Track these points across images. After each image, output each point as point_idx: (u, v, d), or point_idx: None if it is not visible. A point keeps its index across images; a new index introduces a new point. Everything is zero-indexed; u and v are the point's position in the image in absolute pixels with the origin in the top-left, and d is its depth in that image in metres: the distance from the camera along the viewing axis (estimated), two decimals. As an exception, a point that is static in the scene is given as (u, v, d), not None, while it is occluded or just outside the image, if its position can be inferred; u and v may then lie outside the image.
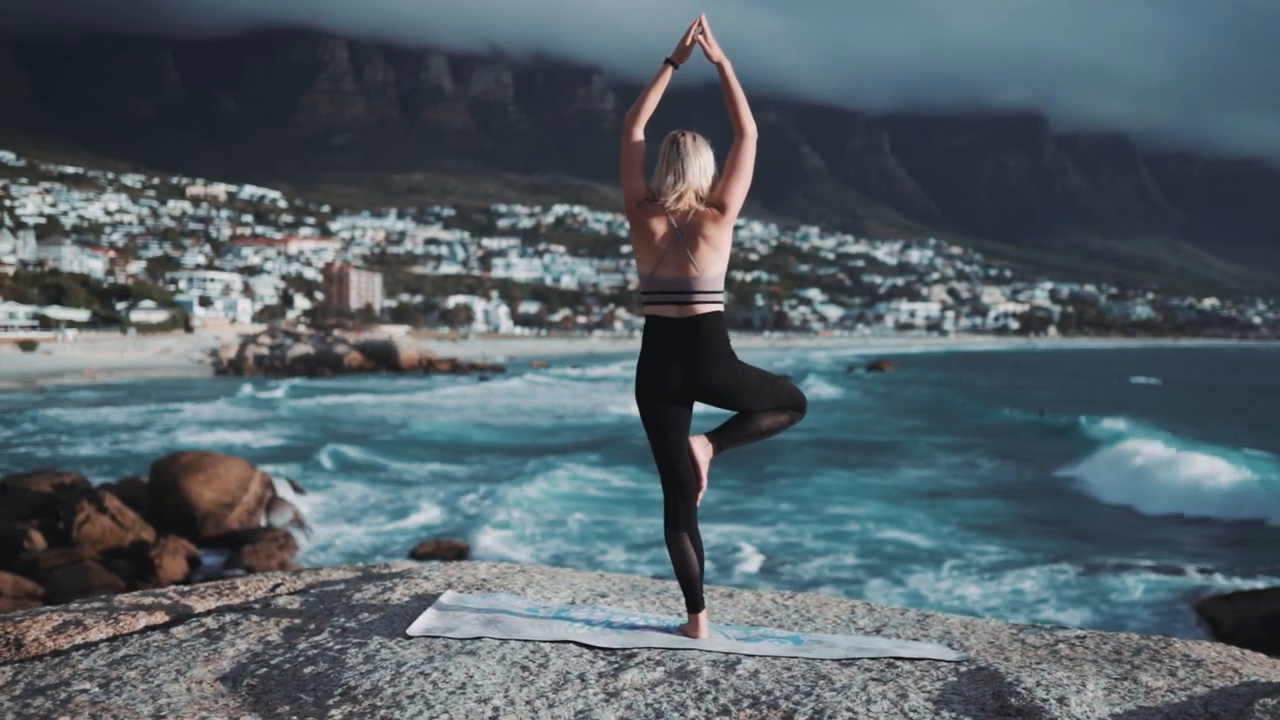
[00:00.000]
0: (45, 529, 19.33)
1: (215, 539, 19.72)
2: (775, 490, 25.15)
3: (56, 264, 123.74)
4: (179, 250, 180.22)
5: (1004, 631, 3.40)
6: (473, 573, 4.12)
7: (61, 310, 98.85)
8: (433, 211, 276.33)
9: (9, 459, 31.56)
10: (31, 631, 3.47)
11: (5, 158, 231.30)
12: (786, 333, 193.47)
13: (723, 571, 17.04)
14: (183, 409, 47.56)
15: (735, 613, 3.69)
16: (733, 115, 3.43)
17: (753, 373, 3.40)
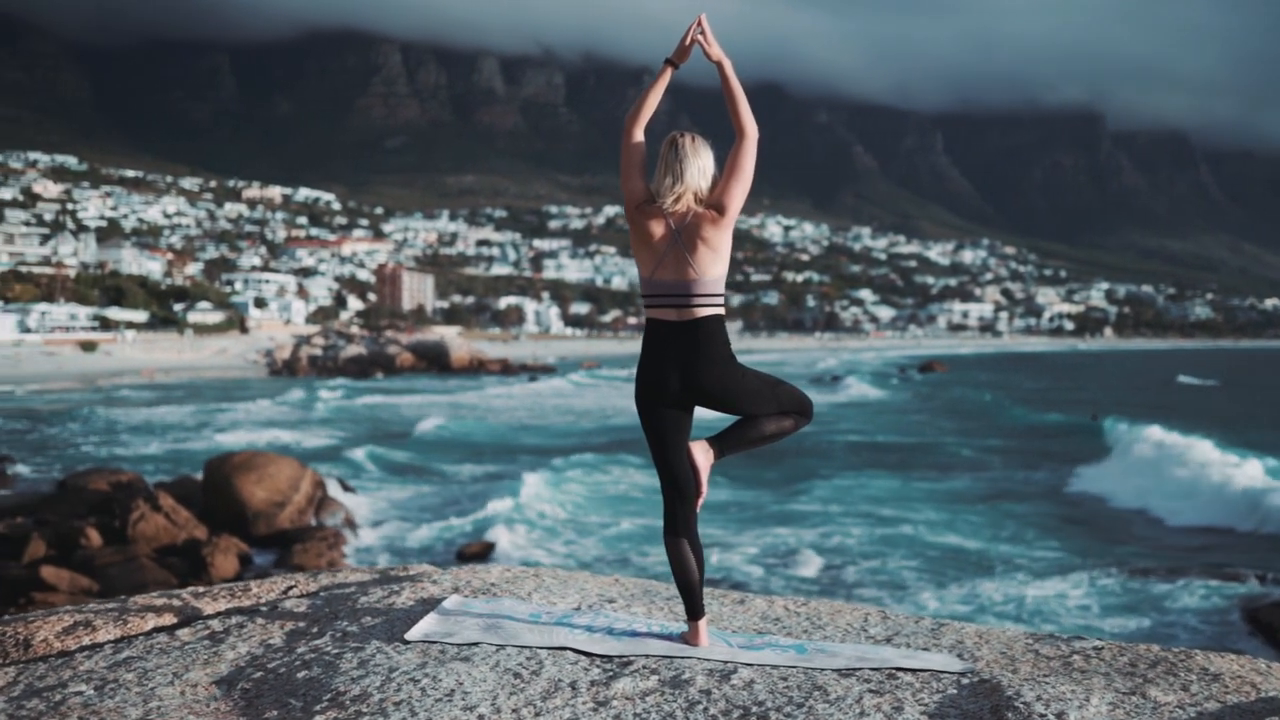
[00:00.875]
0: (102, 526, 19.70)
1: (266, 538, 19.98)
2: (823, 492, 25.03)
3: (116, 266, 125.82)
4: (235, 252, 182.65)
5: (1019, 641, 3.33)
6: (484, 576, 4.12)
7: (121, 311, 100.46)
8: (484, 213, 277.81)
9: (69, 458, 32.19)
10: (41, 632, 3.49)
11: (67, 162, 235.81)
12: (838, 333, 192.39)
13: (770, 572, 17.01)
14: (236, 409, 48.21)
15: (745, 620, 3.65)
16: (733, 115, 3.37)
17: (753, 376, 3.35)
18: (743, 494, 24.92)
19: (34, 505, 22.54)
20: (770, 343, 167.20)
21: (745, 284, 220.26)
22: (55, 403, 51.77)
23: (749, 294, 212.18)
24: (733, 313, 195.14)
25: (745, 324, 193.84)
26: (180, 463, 30.37)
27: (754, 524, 20.87)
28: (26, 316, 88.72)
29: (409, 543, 19.93)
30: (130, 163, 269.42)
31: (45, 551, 18.32)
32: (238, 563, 17.85)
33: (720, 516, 21.55)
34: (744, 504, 23.47)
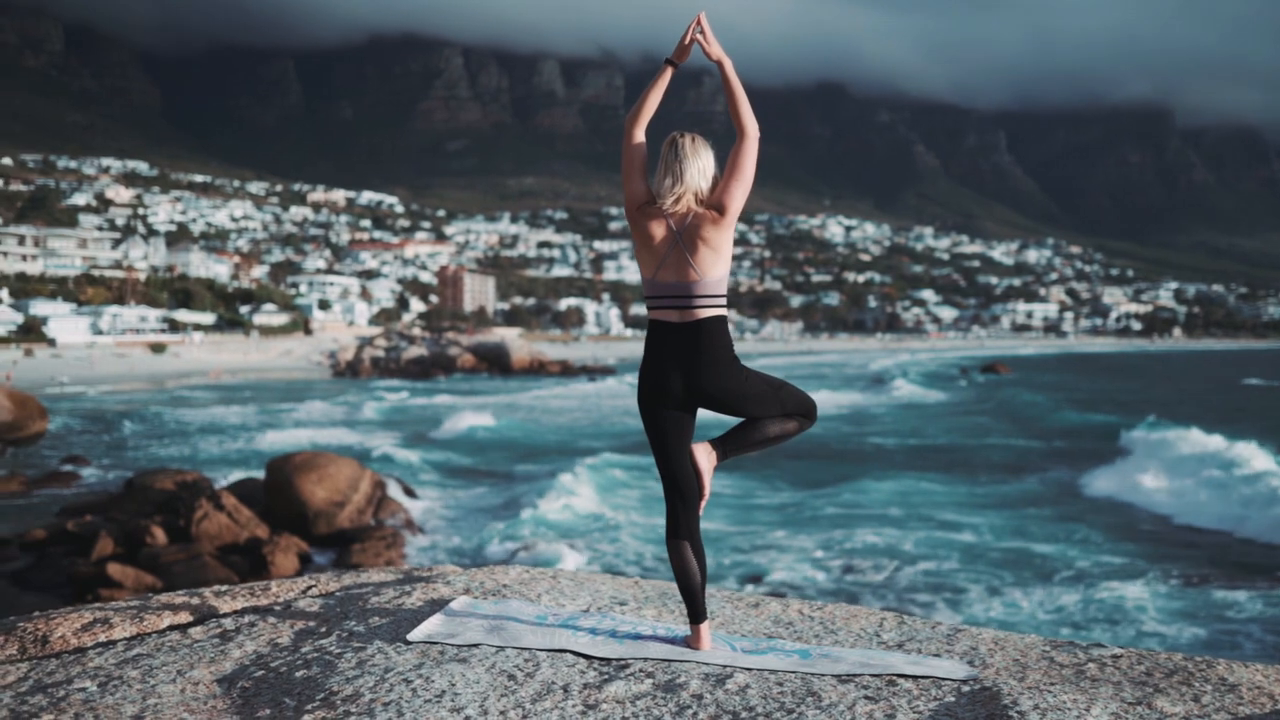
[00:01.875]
0: (167, 525, 20.10)
1: (326, 537, 20.24)
2: (877, 494, 24.86)
3: (185, 269, 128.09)
4: (300, 255, 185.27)
5: (1035, 648, 3.28)
6: (500, 577, 4.13)
7: (189, 314, 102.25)
8: (545, 215, 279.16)
9: (137, 457, 32.86)
10: (60, 629, 3.53)
11: (138, 168, 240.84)
12: (899, 334, 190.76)
13: (817, 570, 16.95)
14: (299, 409, 48.89)
15: (756, 624, 3.63)
16: (733, 114, 3.33)
17: (756, 378, 3.32)
18: (775, 496, 24.86)
19: (103, 504, 23.08)
20: (829, 344, 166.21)
21: (806, 284, 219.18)
22: (125, 403, 52.87)
23: (809, 295, 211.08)
24: (793, 313, 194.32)
25: (806, 325, 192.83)
26: (243, 462, 30.88)
27: (790, 525, 20.81)
28: (99, 319, 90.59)
29: (465, 543, 20.08)
30: (198, 168, 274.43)
31: (113, 549, 18.75)
32: (298, 561, 18.12)
33: (752, 516, 21.51)
34: (779, 506, 23.40)
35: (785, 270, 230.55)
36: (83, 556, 18.39)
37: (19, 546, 19.86)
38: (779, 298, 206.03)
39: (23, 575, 17.37)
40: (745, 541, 19.61)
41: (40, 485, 27.47)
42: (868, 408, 52.57)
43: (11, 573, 17.73)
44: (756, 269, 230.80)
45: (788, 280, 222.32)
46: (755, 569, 17.57)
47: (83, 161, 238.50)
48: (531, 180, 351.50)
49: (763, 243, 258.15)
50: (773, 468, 29.92)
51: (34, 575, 17.26)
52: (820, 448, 35.33)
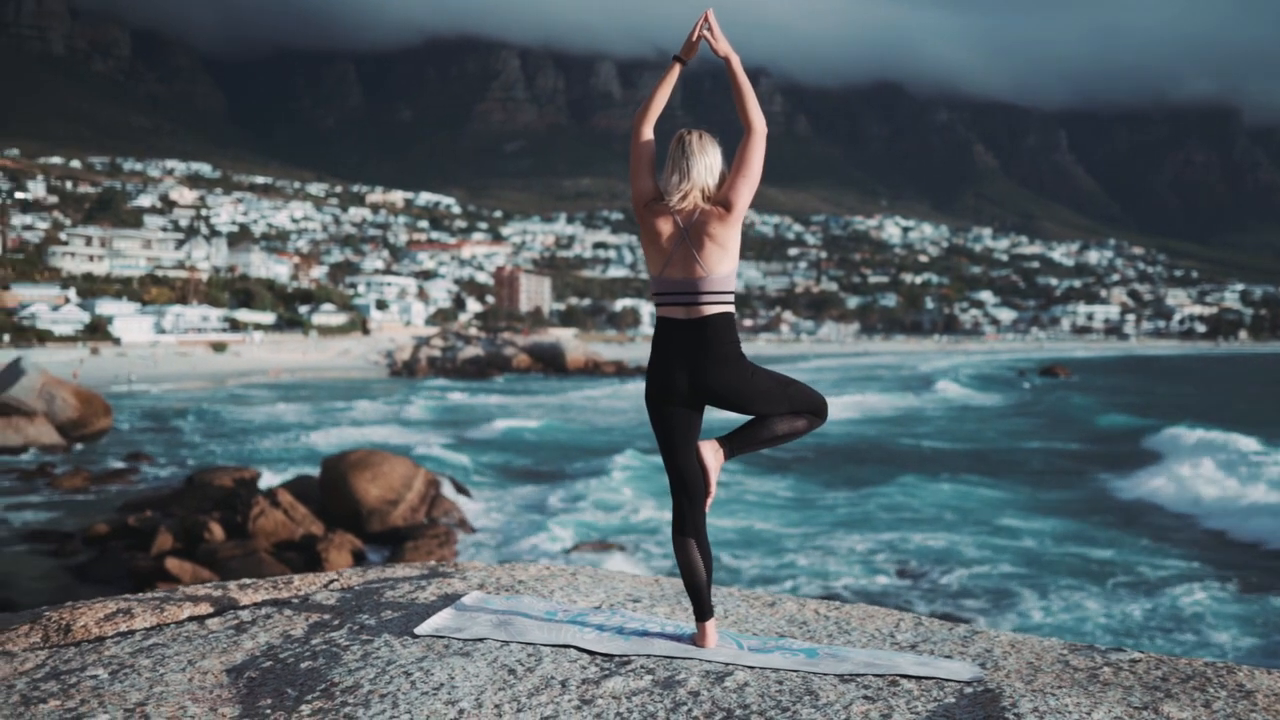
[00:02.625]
0: (224, 521, 20.47)
1: (379, 534, 20.50)
2: (935, 497, 24.69)
3: (245, 270, 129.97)
4: (359, 255, 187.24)
5: (1052, 652, 3.24)
6: (518, 573, 4.16)
7: (249, 313, 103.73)
8: (601, 216, 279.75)
9: (197, 454, 33.45)
10: (83, 618, 3.59)
11: (202, 170, 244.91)
12: (956, 336, 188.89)
13: (870, 573, 16.87)
14: (355, 408, 49.47)
15: (770, 622, 3.62)
16: (740, 110, 3.32)
17: (763, 375, 3.30)
18: (827, 496, 24.75)
19: (163, 500, 23.54)
20: (885, 345, 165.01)
21: (862, 286, 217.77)
22: (186, 401, 53.79)
23: (866, 296, 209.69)
24: (849, 315, 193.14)
25: (862, 326, 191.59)
26: (299, 460, 31.32)
27: (844, 526, 20.71)
28: (162, 318, 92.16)
29: (514, 542, 20.22)
30: (260, 170, 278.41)
31: (172, 544, 19.12)
32: (351, 559, 18.36)
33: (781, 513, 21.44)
34: (831, 506, 23.30)
35: (842, 271, 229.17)
36: (142, 551, 18.79)
37: (82, 540, 20.35)
38: (835, 299, 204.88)
39: (84, 569, 17.80)
40: (800, 543, 19.59)
41: (103, 481, 28.07)
42: (915, 410, 52.21)
43: (74, 566, 18.18)
44: (813, 270, 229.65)
45: (844, 281, 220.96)
46: (804, 571, 17.53)
47: (148, 164, 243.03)
48: (588, 181, 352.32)
49: (819, 243, 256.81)
50: (828, 470, 29.80)
51: (95, 569, 17.67)
52: (868, 449, 35.15)
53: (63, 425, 36.54)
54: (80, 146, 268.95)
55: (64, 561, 18.60)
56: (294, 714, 2.70)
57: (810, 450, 34.65)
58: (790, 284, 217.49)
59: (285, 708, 2.74)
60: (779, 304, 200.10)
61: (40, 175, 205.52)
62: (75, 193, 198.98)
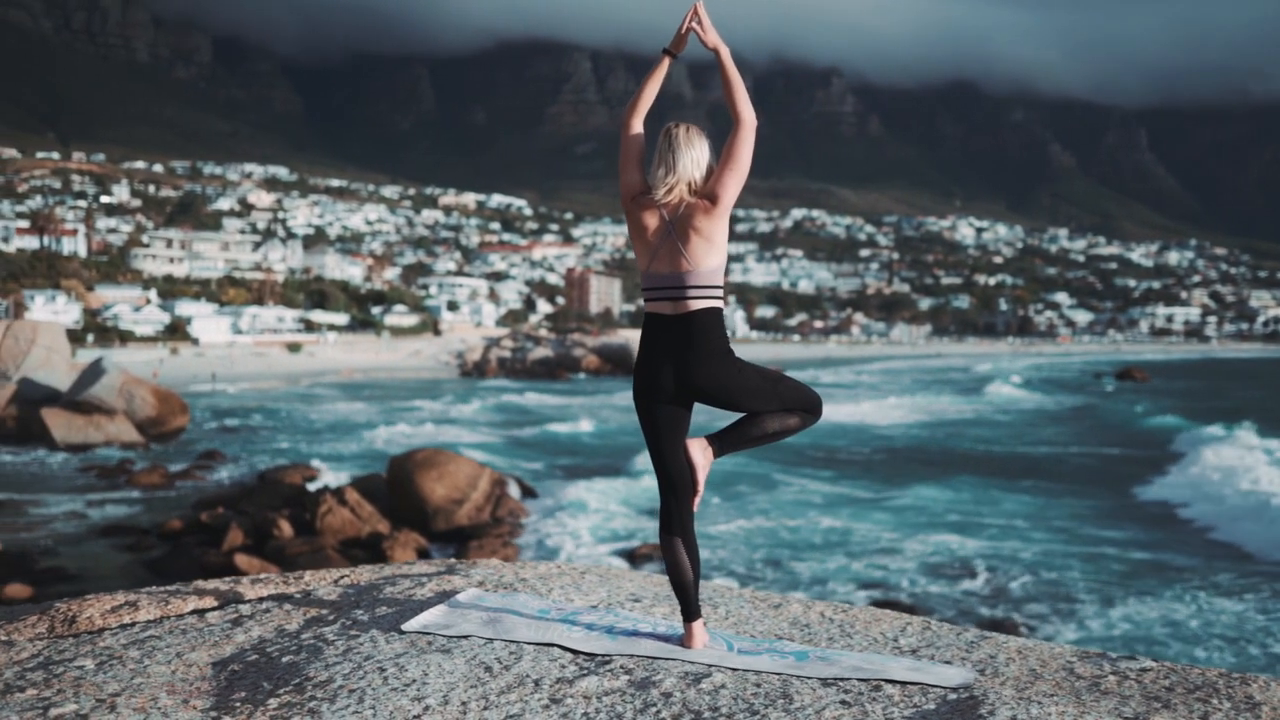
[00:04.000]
0: (293, 519, 20.87)
1: (444, 533, 20.74)
2: (1013, 502, 24.39)
3: (320, 271, 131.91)
4: (431, 257, 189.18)
5: (1059, 659, 3.14)
6: (529, 571, 4.15)
7: (324, 314, 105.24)
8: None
9: (270, 453, 34.08)
10: (88, 610, 3.62)
11: (279, 173, 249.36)
12: (1030, 338, 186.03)
13: (935, 578, 16.73)
14: (424, 408, 50.03)
15: (772, 624, 3.57)
16: (729, 103, 3.28)
17: (751, 371, 3.24)
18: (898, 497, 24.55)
19: (235, 497, 24.04)
20: (957, 347, 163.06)
21: (935, 287, 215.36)
22: (261, 400, 54.81)
23: (938, 297, 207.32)
24: (921, 316, 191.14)
25: (934, 328, 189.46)
26: (368, 459, 31.78)
27: (905, 528, 20.54)
28: (239, 319, 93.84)
29: (581, 542, 20.33)
30: (336, 173, 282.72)
31: (242, 541, 19.54)
32: (415, 557, 18.59)
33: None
34: (900, 508, 23.11)
35: (914, 272, 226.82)
36: (214, 547, 19.21)
37: (157, 536, 20.88)
38: (907, 300, 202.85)
39: (158, 563, 18.25)
40: (863, 545, 19.48)
41: (179, 478, 28.73)
42: (960, 412, 51.63)
43: (149, 561, 18.65)
44: (884, 271, 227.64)
45: (916, 283, 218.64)
46: (863, 577, 17.43)
47: (227, 168, 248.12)
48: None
49: (891, 244, 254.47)
50: (878, 471, 29.59)
51: (168, 564, 18.11)
52: (922, 450, 34.81)
53: (141, 423, 37.45)
54: (163, 151, 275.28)
55: (139, 556, 19.10)
56: (261, 708, 2.71)
57: (865, 452, 34.42)
58: (861, 285, 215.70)
59: (255, 701, 2.75)
60: (850, 305, 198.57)
61: (124, 179, 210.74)
62: (157, 196, 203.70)
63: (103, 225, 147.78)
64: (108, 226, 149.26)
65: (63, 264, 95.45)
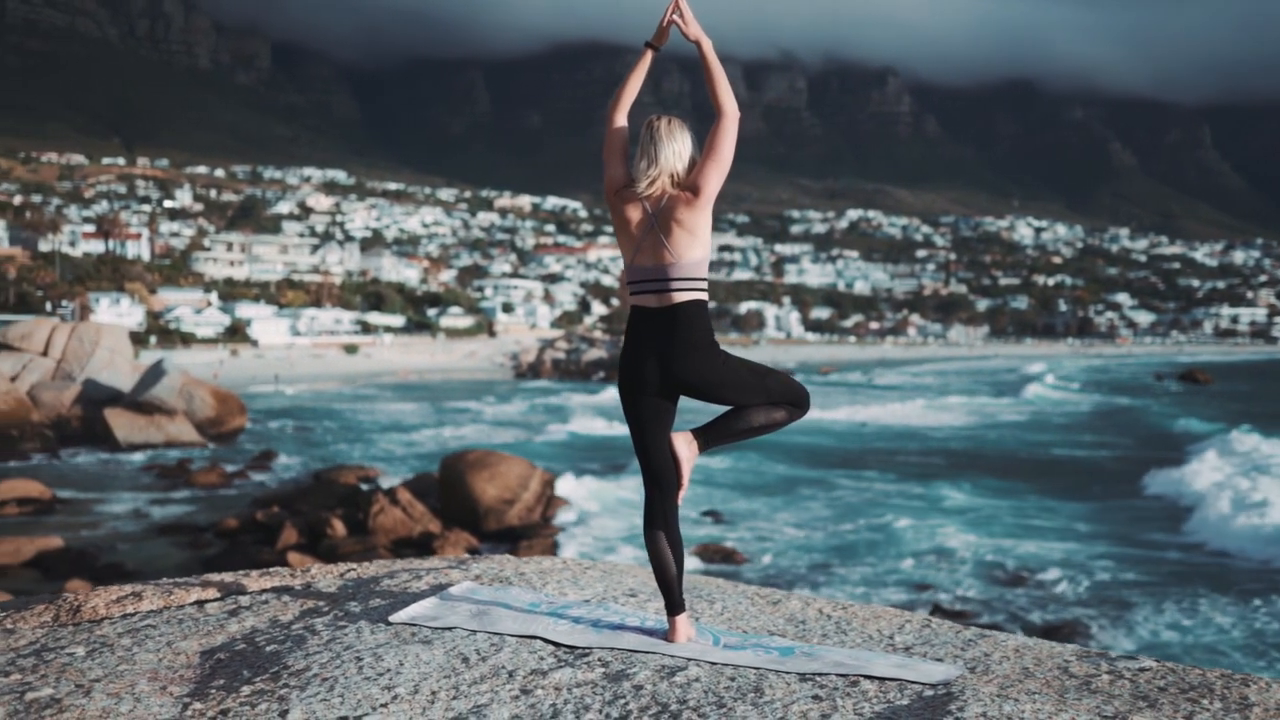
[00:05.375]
0: (346, 518, 21.18)
1: (495, 533, 20.93)
2: (1087, 506, 24.15)
3: (377, 273, 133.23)
4: (487, 259, 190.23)
5: (1056, 659, 3.09)
6: (531, 565, 4.17)
7: (380, 316, 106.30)
8: (726, 219, 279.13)
9: (325, 453, 34.55)
10: (93, 601, 3.66)
11: (337, 177, 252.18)
12: (1090, 339, 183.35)
13: (988, 582, 16.62)
14: (477, 409, 50.42)
15: (766, 620, 3.55)
16: (711, 95, 3.27)
17: (736, 364, 3.22)
18: (960, 497, 24.36)
19: (290, 496, 24.43)
20: (1015, 348, 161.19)
21: (992, 288, 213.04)
22: (317, 401, 55.52)
23: (996, 298, 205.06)
24: (978, 317, 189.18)
25: (992, 329, 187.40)
26: (420, 459, 32.12)
27: (973, 527, 20.39)
28: (297, 321, 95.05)
29: (628, 542, 20.40)
30: (392, 176, 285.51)
31: (296, 539, 19.88)
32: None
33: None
34: (962, 509, 22.94)
35: (971, 273, 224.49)
36: (268, 545, 19.57)
37: (214, 533, 21.30)
38: (964, 301, 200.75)
39: (214, 561, 18.62)
40: (914, 548, 19.37)
41: (236, 477, 29.26)
42: (996, 413, 51.13)
43: (205, 558, 19.03)
44: (941, 272, 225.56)
45: (973, 283, 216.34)
46: (914, 580, 17.36)
47: (287, 172, 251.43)
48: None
49: (948, 245, 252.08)
50: (970, 472, 29.38)
51: (223, 561, 18.46)
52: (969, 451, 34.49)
53: (201, 423, 38.13)
54: (224, 156, 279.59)
55: (196, 553, 19.50)
56: (234, 694, 2.74)
57: (911, 453, 34.19)
58: (918, 286, 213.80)
59: (231, 688, 2.78)
60: (906, 307, 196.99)
61: (187, 184, 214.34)
62: (219, 200, 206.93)
63: (166, 229, 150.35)
64: (170, 230, 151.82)
65: (127, 267, 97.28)
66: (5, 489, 24.40)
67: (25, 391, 39.15)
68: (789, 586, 16.53)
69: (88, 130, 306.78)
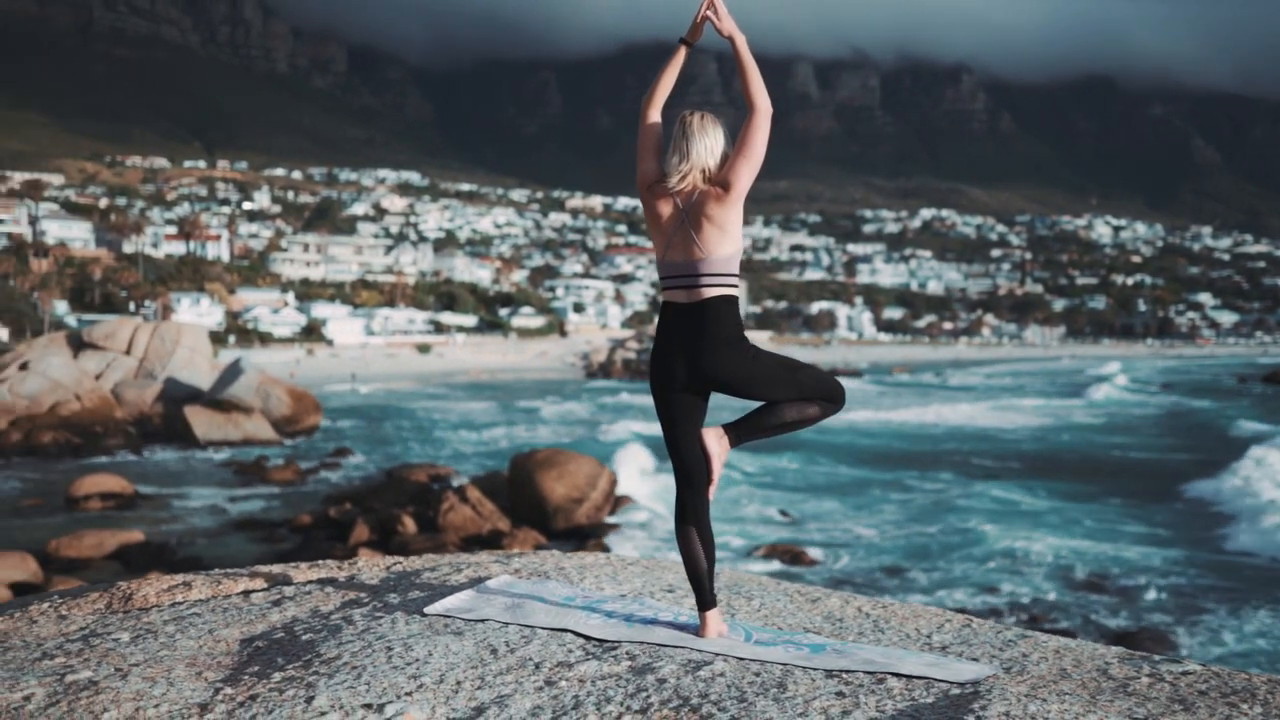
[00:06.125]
0: (417, 515, 21.46)
1: (563, 532, 21.04)
2: (1162, 509, 23.73)
3: (450, 274, 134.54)
4: (558, 259, 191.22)
5: (1096, 660, 3.03)
6: (572, 561, 4.19)
7: (453, 316, 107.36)
8: (798, 218, 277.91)
9: (397, 451, 35.02)
10: (145, 589, 3.74)
11: (411, 178, 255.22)
12: (1170, 339, 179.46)
13: (1064, 586, 16.39)
14: (546, 408, 50.73)
15: (804, 618, 3.53)
16: (744, 90, 3.27)
17: (767, 359, 3.19)
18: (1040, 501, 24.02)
19: (363, 493, 24.83)
20: (1092, 348, 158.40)
21: (1070, 287, 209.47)
22: (390, 399, 56.26)
23: (1073, 298, 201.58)
24: (1055, 318, 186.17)
25: (1069, 329, 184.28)
26: (492, 457, 32.41)
27: (1048, 528, 20.12)
28: (371, 321, 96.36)
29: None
30: (465, 177, 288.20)
31: (367, 536, 20.19)
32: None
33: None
34: (1045, 511, 22.62)
35: (1047, 273, 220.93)
36: (341, 542, 19.89)
37: (289, 529, 21.73)
38: (1040, 301, 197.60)
39: (288, 556, 18.95)
40: (987, 551, 19.15)
41: (310, 474, 29.78)
42: (1067, 414, 50.24)
43: (279, 553, 19.39)
44: (1016, 272, 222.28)
45: (1050, 283, 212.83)
46: (984, 583, 17.18)
47: (362, 173, 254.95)
48: (785, 184, 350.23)
49: (1024, 244, 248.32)
50: (1043, 474, 29.00)
51: (297, 556, 18.79)
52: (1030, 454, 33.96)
53: (277, 421, 38.86)
54: (301, 158, 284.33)
55: (271, 548, 19.87)
56: (265, 680, 2.78)
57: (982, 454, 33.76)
58: (993, 286, 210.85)
59: (263, 675, 2.83)
60: (980, 307, 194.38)
61: (265, 186, 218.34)
62: (296, 202, 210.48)
63: (244, 230, 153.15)
64: (249, 232, 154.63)
65: (207, 268, 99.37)
66: (90, 484, 25.12)
67: (109, 389, 40.22)
68: (856, 589, 16.46)
69: (170, 134, 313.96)
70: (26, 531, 21.03)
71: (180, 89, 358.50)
